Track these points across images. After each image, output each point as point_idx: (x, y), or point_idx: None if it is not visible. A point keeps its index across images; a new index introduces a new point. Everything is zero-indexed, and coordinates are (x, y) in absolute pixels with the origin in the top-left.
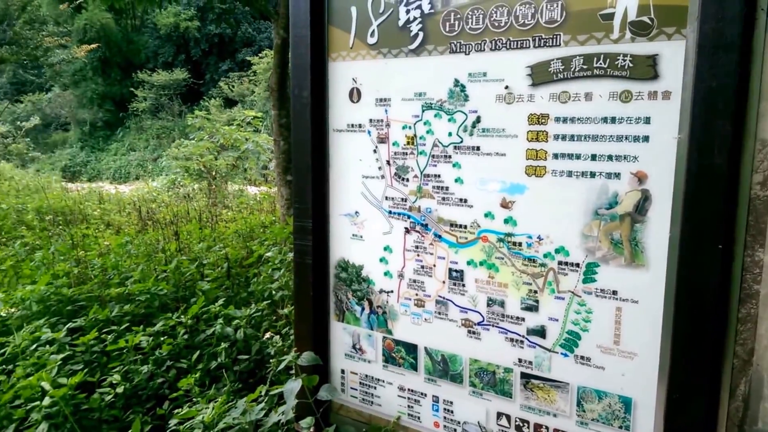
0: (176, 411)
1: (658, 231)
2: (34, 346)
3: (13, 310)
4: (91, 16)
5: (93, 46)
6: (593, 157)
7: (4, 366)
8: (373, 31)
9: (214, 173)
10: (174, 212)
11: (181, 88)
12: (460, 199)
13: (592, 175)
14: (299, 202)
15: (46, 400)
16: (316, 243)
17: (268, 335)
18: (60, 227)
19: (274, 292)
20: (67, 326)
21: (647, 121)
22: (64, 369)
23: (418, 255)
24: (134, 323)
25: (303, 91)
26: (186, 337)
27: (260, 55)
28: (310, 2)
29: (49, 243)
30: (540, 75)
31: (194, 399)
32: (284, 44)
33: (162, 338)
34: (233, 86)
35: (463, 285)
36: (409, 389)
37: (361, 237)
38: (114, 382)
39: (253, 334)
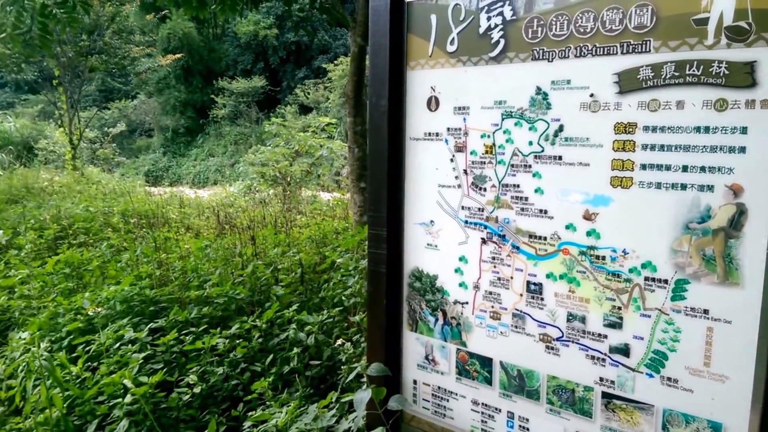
0: (250, 413)
1: (755, 247)
2: (118, 344)
3: (99, 309)
4: (175, 25)
5: (177, 55)
6: (684, 169)
7: (89, 363)
8: (453, 38)
9: (288, 179)
10: (250, 217)
11: (258, 96)
12: (540, 210)
13: (683, 187)
14: (374, 210)
15: (128, 398)
16: (390, 252)
17: (339, 342)
18: (143, 230)
19: (345, 299)
20: (148, 326)
21: (744, 131)
22: (145, 368)
23: (495, 266)
24: (211, 325)
25: (381, 99)
26: (260, 340)
27: (335, 62)
28: (389, 11)
29: (134, 245)
30: (628, 82)
31: (267, 402)
32: (361, 52)
33: (237, 341)
34: (308, 93)
35: (542, 299)
36: (483, 403)
37: (436, 246)
38: (191, 382)
39: (324, 341)
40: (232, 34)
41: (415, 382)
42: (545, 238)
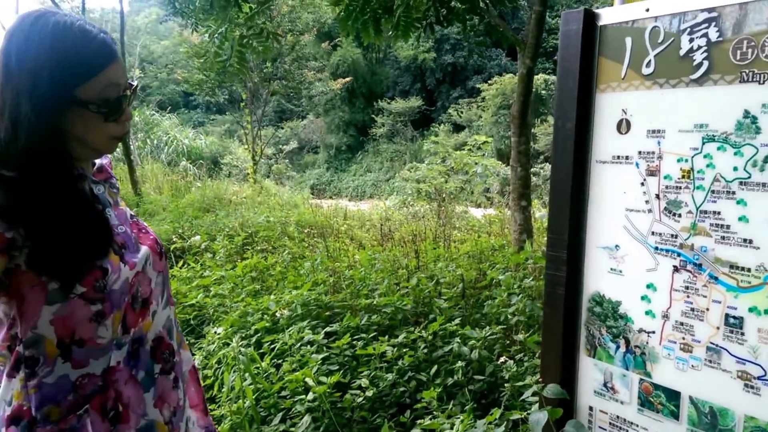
0: (418, 422)
1: None
2: (299, 345)
3: (285, 311)
4: (345, 52)
5: (347, 79)
6: None
7: (275, 359)
8: (650, 61)
9: (443, 195)
10: (411, 231)
11: (414, 115)
12: (744, 240)
13: None
14: (554, 232)
15: (310, 395)
16: (569, 274)
17: (502, 359)
18: (314, 239)
19: (509, 317)
20: (324, 330)
21: None
22: (322, 368)
23: (688, 296)
24: (379, 333)
25: (567, 122)
26: (425, 351)
27: (489, 82)
28: (581, 35)
29: (311, 254)
30: None
31: (434, 412)
32: (529, 73)
33: (404, 350)
34: (462, 112)
35: (742, 333)
36: None
37: (621, 272)
38: (363, 385)
39: (487, 357)
40: (393, 58)
41: (591, 408)
42: (749, 270)
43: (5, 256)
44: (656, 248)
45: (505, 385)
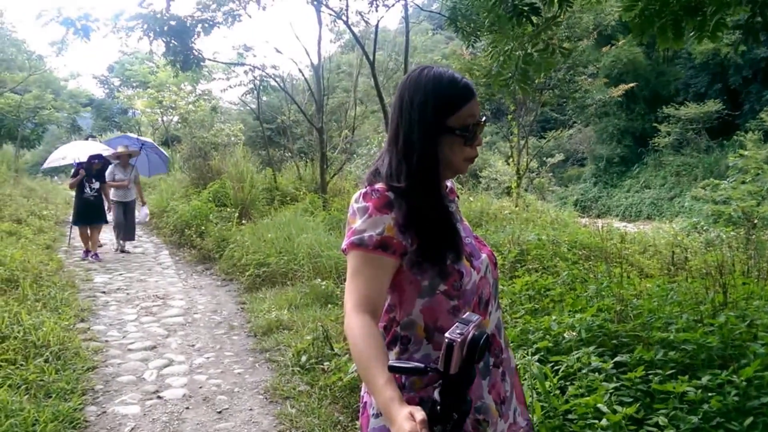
0: None
1: None
2: (584, 370)
3: (574, 333)
4: (619, 51)
5: (630, 84)
6: None
7: (561, 381)
8: None
9: (754, 221)
10: (708, 261)
11: (711, 121)
12: None
13: None
14: None
15: (603, 421)
16: None
17: None
18: (590, 262)
19: None
20: (613, 359)
21: None
22: (612, 398)
23: None
24: (677, 371)
25: None
26: (736, 398)
27: None
28: None
29: (587, 278)
30: None
31: None
32: None
33: (709, 393)
34: None
35: None
36: None
37: None
38: (661, 423)
39: None
40: (685, 55)
41: None
42: None
43: (400, 258)
44: None
45: None
